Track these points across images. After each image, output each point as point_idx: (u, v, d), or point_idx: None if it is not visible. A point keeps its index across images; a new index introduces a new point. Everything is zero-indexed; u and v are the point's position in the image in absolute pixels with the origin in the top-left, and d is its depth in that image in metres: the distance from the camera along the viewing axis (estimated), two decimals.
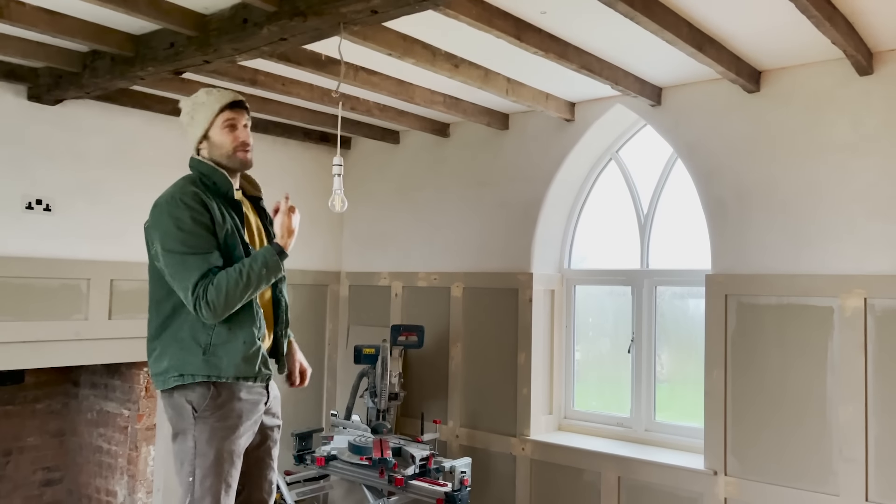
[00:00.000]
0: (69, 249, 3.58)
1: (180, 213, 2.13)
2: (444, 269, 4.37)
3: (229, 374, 2.16)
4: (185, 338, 2.16)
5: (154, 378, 2.21)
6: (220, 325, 2.15)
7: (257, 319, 2.22)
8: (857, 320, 2.97)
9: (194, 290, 2.09)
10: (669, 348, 3.90)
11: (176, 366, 2.14)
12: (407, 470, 3.46)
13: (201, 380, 2.13)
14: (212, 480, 2.14)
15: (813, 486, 3.04)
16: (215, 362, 2.14)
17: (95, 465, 4.15)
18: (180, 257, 2.11)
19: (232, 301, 2.10)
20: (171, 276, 2.14)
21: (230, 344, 2.16)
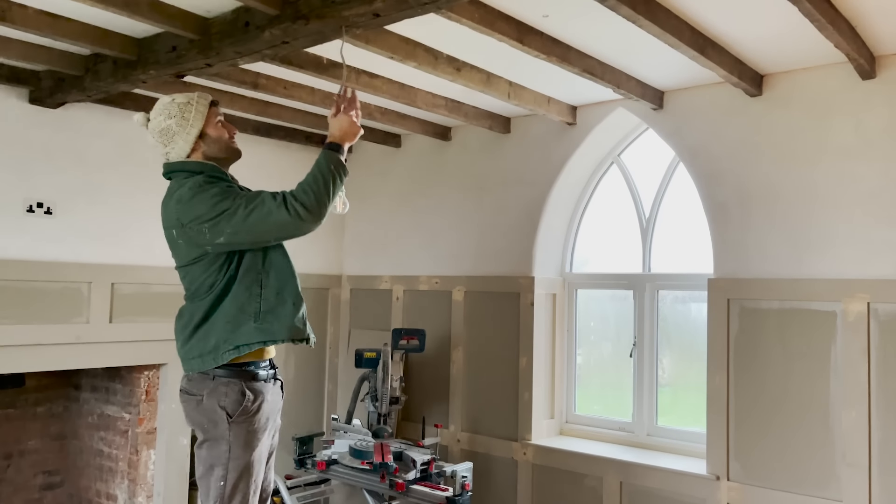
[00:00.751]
0: (70, 252, 3.58)
1: (212, 188, 2.15)
2: (446, 272, 4.37)
3: (283, 337, 2.21)
4: (232, 312, 2.16)
5: (199, 359, 2.16)
6: (267, 291, 2.18)
7: (298, 285, 2.28)
8: (860, 325, 2.96)
9: (277, 202, 2.07)
10: (671, 353, 3.89)
11: (228, 339, 2.14)
12: (408, 474, 3.44)
13: (257, 347, 2.15)
14: (244, 483, 2.17)
15: (816, 492, 3.02)
16: (268, 328, 2.17)
17: (96, 469, 4.14)
18: (242, 209, 2.08)
19: (321, 197, 2.08)
20: (239, 228, 2.07)
21: (280, 308, 2.20)
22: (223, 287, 2.17)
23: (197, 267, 2.18)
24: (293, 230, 2.11)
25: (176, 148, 2.23)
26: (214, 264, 2.16)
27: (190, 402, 2.19)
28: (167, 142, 2.23)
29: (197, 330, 2.17)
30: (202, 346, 2.15)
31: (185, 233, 2.15)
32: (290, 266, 2.29)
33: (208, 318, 2.16)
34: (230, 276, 2.16)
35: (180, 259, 2.22)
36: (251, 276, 2.18)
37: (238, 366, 2.18)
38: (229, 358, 2.13)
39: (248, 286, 2.17)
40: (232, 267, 2.17)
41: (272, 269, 2.23)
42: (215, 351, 2.14)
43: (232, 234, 2.09)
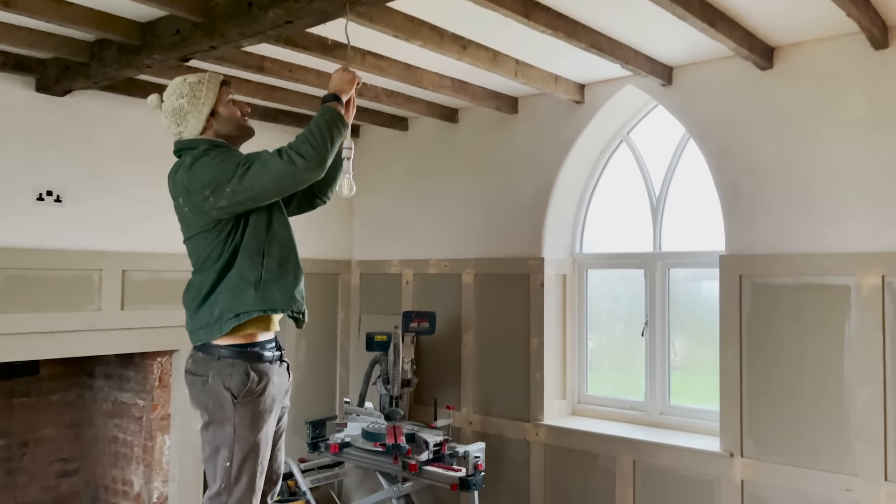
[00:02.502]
0: (80, 240, 3.59)
1: (214, 153, 2.16)
2: (455, 255, 4.36)
3: (283, 307, 2.22)
4: (234, 280, 2.17)
5: (206, 329, 2.17)
6: (269, 261, 2.19)
7: (298, 259, 2.30)
8: (874, 299, 2.93)
9: (273, 154, 2.11)
10: (683, 335, 3.86)
11: (229, 307, 2.15)
12: (421, 456, 3.45)
13: (256, 314, 2.16)
14: (250, 464, 2.18)
15: (831, 467, 3.00)
16: (268, 297, 2.18)
17: (111, 456, 4.18)
18: (241, 167, 2.10)
19: (317, 146, 2.10)
20: (238, 187, 2.09)
21: (281, 280, 2.22)
22: (228, 257, 2.18)
23: (203, 238, 2.19)
24: (290, 180, 2.11)
25: (188, 127, 2.24)
26: (220, 234, 2.17)
27: (195, 383, 2.20)
28: (179, 121, 2.24)
29: (205, 301, 2.18)
30: (208, 317, 2.17)
31: (190, 200, 2.16)
32: (293, 239, 2.31)
33: (215, 289, 2.18)
34: (235, 246, 2.18)
35: (188, 230, 2.23)
36: (254, 245, 2.19)
37: (242, 346, 2.19)
38: (231, 326, 2.14)
39: (250, 255, 2.18)
40: (237, 237, 2.18)
41: (275, 240, 2.23)
42: (219, 320, 2.15)
43: (232, 193, 2.10)
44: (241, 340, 2.20)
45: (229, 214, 2.15)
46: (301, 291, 2.28)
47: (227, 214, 2.14)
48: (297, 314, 2.29)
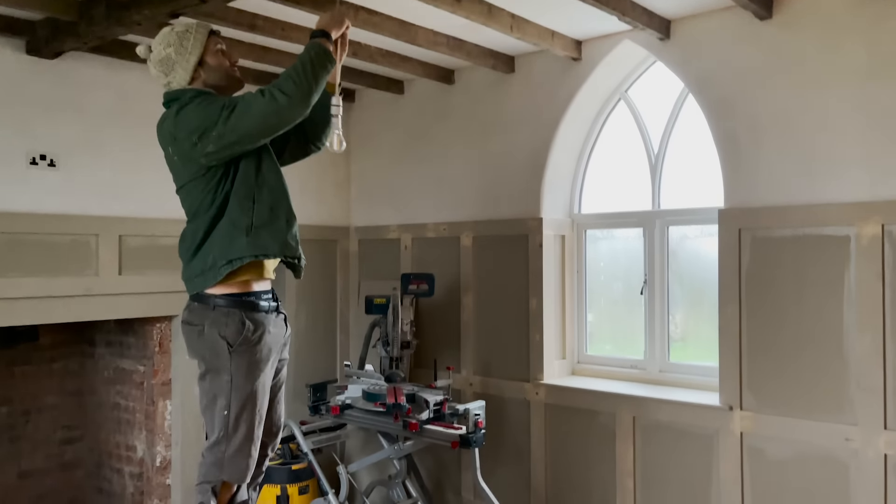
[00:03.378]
0: (76, 205, 3.57)
1: (200, 100, 2.15)
2: (453, 218, 4.34)
3: (275, 252, 2.21)
4: (226, 227, 2.16)
5: (201, 277, 2.17)
6: (260, 206, 2.18)
7: (291, 204, 2.28)
8: (874, 248, 2.91)
9: (256, 94, 2.08)
10: (682, 292, 3.85)
11: (222, 254, 2.14)
12: (421, 415, 3.46)
13: (248, 260, 2.15)
14: (248, 413, 2.18)
15: (830, 417, 3.01)
16: (260, 242, 2.17)
17: (114, 422, 4.20)
18: (226, 110, 2.08)
19: (301, 83, 2.06)
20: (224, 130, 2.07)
21: (273, 225, 2.21)
22: (220, 204, 2.17)
23: (194, 186, 2.18)
24: (274, 118, 2.08)
25: (176, 77, 2.22)
26: (211, 182, 2.16)
27: (191, 332, 2.20)
28: (168, 71, 2.22)
29: (198, 250, 2.18)
30: (202, 265, 2.16)
31: (179, 148, 2.15)
32: (284, 185, 2.29)
33: (208, 237, 2.17)
34: (226, 193, 2.16)
35: (179, 178, 2.22)
36: (244, 191, 2.18)
37: (238, 295, 2.19)
38: (225, 272, 2.13)
39: (240, 201, 2.17)
40: (227, 184, 2.17)
41: (265, 185, 2.22)
42: (213, 267, 2.14)
43: (218, 137, 2.08)
44: (236, 289, 2.19)
45: (218, 160, 2.13)
46: (295, 237, 2.27)
47: (216, 160, 2.13)
48: (292, 259, 2.28)
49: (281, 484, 3.88)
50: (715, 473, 3.32)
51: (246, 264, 2.17)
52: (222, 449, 2.17)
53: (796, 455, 3.09)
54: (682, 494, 3.42)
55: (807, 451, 3.07)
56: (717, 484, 3.31)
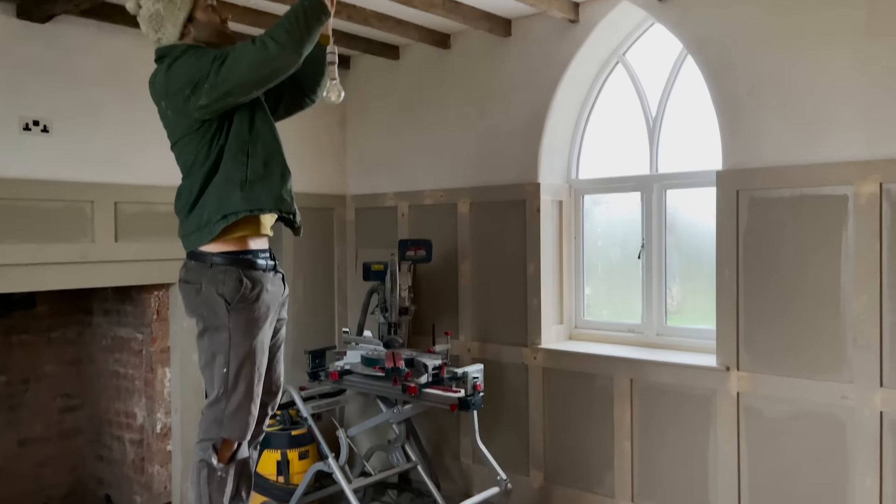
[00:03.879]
0: (70, 171, 3.54)
1: (191, 53, 2.11)
2: (451, 185, 4.32)
3: (269, 207, 2.19)
4: (221, 183, 2.15)
5: (197, 234, 2.16)
6: (254, 160, 2.16)
7: (285, 158, 2.26)
8: (872, 207, 2.91)
9: (247, 44, 2.05)
10: (681, 276, 3.84)
11: (217, 209, 2.13)
12: (420, 379, 3.48)
13: (244, 214, 2.14)
14: (247, 370, 2.19)
15: (826, 376, 3.03)
16: (254, 196, 2.16)
17: (113, 390, 4.21)
18: (217, 62, 2.05)
19: (293, 32, 2.01)
20: (215, 81, 2.04)
21: (267, 179, 2.19)
22: (214, 160, 2.15)
23: (189, 141, 2.16)
24: (266, 68, 2.04)
25: (166, 34, 2.19)
26: (205, 137, 2.14)
27: (189, 291, 2.19)
28: (157, 27, 2.19)
29: (194, 206, 2.17)
30: (198, 221, 2.15)
31: (172, 102, 2.13)
32: (277, 140, 2.27)
33: (203, 193, 2.16)
34: (220, 148, 2.15)
35: (173, 134, 2.20)
36: (237, 145, 2.16)
37: (235, 253, 2.18)
38: (220, 228, 2.12)
39: (234, 156, 2.16)
40: (221, 138, 2.15)
41: (258, 140, 2.20)
42: (209, 223, 2.13)
43: (210, 89, 2.05)
44: (233, 247, 2.18)
45: (211, 114, 2.11)
46: (290, 192, 2.26)
47: (209, 114, 2.10)
48: (287, 214, 2.26)
49: (281, 449, 3.91)
50: (712, 434, 3.35)
51: (242, 220, 2.15)
52: (222, 406, 2.18)
53: (793, 414, 3.12)
54: (680, 455, 3.46)
55: (803, 410, 3.09)
56: (714, 444, 3.34)
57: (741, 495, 3.26)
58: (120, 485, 4.17)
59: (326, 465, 3.58)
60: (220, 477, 2.20)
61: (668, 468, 3.50)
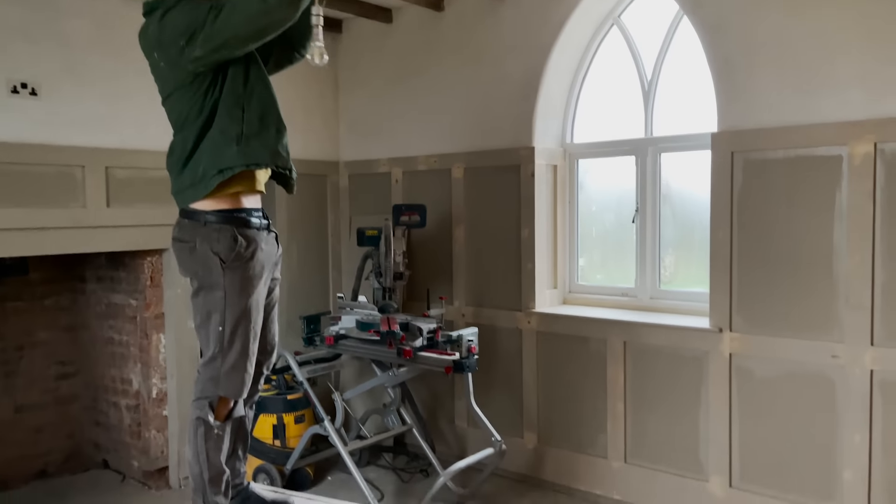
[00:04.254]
0: (60, 136, 3.50)
1: (185, 3, 2.05)
2: (444, 150, 4.30)
3: (266, 162, 2.17)
4: (216, 137, 2.11)
5: (191, 189, 2.13)
6: (249, 114, 2.13)
7: (279, 114, 2.23)
8: (866, 167, 2.91)
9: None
10: (674, 222, 3.85)
11: (213, 164, 2.10)
12: (415, 342, 3.49)
13: (240, 169, 2.11)
14: (243, 329, 2.17)
15: (818, 336, 3.06)
16: (250, 151, 2.12)
17: (108, 356, 4.21)
18: (213, 12, 1.99)
19: None
20: (211, 32, 1.99)
21: (263, 134, 2.16)
22: (208, 114, 2.12)
23: (181, 95, 2.13)
24: (263, 20, 1.99)
25: None
26: (199, 90, 2.11)
27: (182, 249, 2.18)
28: None
29: (188, 161, 2.14)
30: (193, 176, 2.13)
31: (165, 54, 2.09)
32: (272, 94, 2.24)
33: (197, 148, 2.13)
34: (214, 102, 2.11)
35: (165, 87, 2.16)
36: (232, 99, 2.13)
37: (229, 211, 2.16)
38: (216, 183, 2.10)
39: (229, 110, 2.12)
40: (215, 91, 2.11)
41: (253, 94, 2.17)
42: (204, 178, 2.11)
43: (205, 40, 2.01)
44: (227, 205, 2.16)
45: (205, 66, 2.07)
46: (285, 147, 2.24)
47: (202, 66, 2.07)
48: (284, 170, 2.25)
49: (277, 413, 3.94)
50: (704, 394, 3.39)
51: (237, 175, 2.13)
52: (218, 365, 2.18)
53: (783, 374, 3.15)
54: (672, 416, 3.49)
55: (794, 370, 3.12)
56: (705, 404, 3.38)
57: (732, 454, 3.31)
58: (117, 450, 4.20)
59: (322, 428, 3.61)
60: (217, 435, 2.20)
61: (661, 429, 3.54)
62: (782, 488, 3.17)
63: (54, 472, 4.20)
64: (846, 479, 3.00)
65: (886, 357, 2.89)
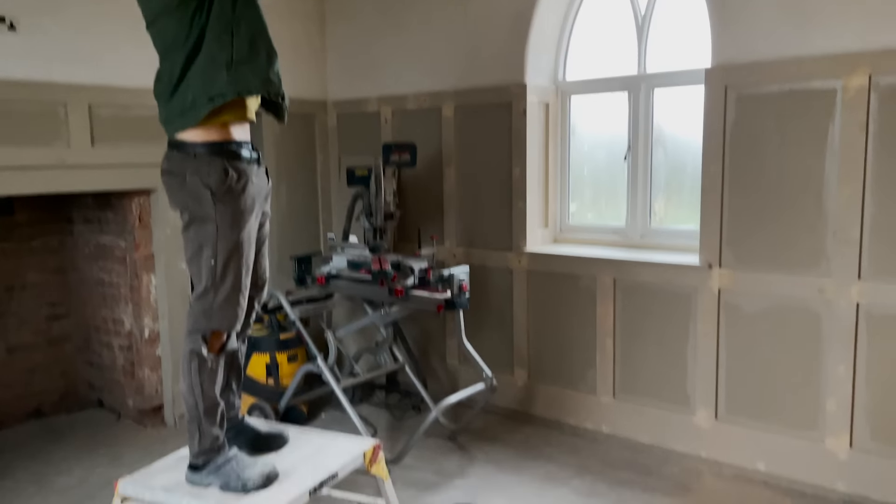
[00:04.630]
0: (40, 72, 3.41)
1: None
2: (434, 88, 4.23)
3: (257, 89, 2.13)
4: (204, 63, 2.07)
5: (180, 118, 2.09)
6: (239, 40, 2.09)
7: (270, 39, 2.19)
8: (860, 100, 2.89)
9: None
10: (665, 193, 3.83)
11: (202, 91, 2.06)
12: (406, 281, 3.50)
13: (231, 97, 2.07)
14: (234, 262, 2.16)
15: (806, 270, 3.09)
16: (240, 78, 2.09)
17: (99, 298, 4.21)
18: None
19: None
20: None
21: (253, 60, 2.12)
22: (195, 40, 2.07)
23: (167, 20, 2.07)
24: None
25: None
26: (185, 15, 2.05)
27: (172, 182, 2.15)
28: None
29: (176, 89, 2.09)
30: (181, 104, 2.09)
31: None
32: (262, 19, 2.18)
33: (185, 74, 2.08)
34: (201, 27, 2.06)
35: (149, 12, 2.11)
36: (221, 24, 2.07)
37: (219, 144, 2.13)
38: (207, 111, 2.06)
39: (218, 35, 2.07)
40: (202, 17, 2.06)
41: (242, 19, 2.12)
42: (193, 107, 2.07)
43: None
44: (217, 136, 2.13)
45: None
46: (277, 73, 2.19)
47: None
48: (275, 97, 2.21)
49: (269, 352, 3.96)
50: (692, 330, 3.43)
51: (227, 104, 2.09)
52: (210, 299, 2.18)
53: (771, 308, 3.19)
54: (660, 351, 3.55)
55: (781, 305, 3.16)
56: (693, 339, 3.43)
57: (718, 387, 3.38)
58: (111, 389, 4.23)
59: (315, 365, 3.64)
60: (211, 368, 2.22)
61: (649, 364, 3.60)
62: (766, 419, 3.25)
63: (49, 411, 4.23)
64: (829, 410, 3.07)
65: (873, 290, 2.93)
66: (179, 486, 2.23)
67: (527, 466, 3.44)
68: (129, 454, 3.59)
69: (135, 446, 3.74)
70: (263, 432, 2.50)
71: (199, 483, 2.22)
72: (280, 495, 2.14)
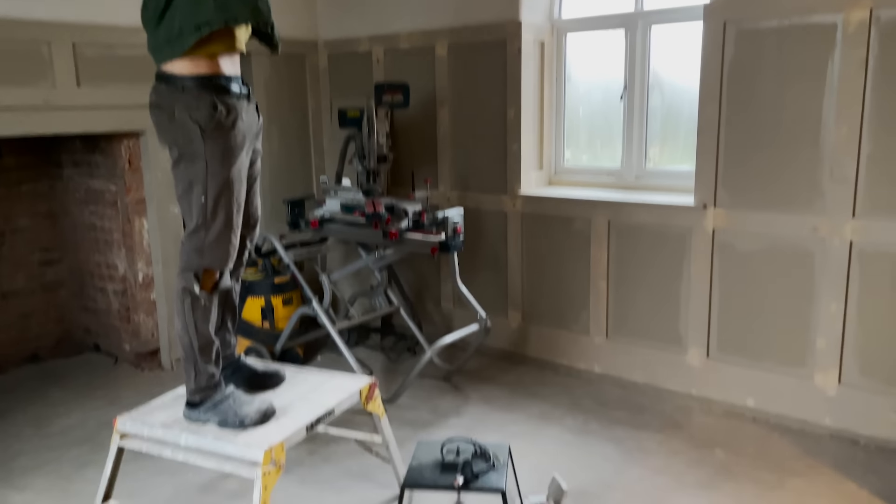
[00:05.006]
0: (21, 8, 3.31)
1: None
2: (427, 26, 4.13)
3: (245, 17, 2.09)
4: None
5: (168, 47, 2.05)
6: None
7: None
8: (860, 35, 2.84)
9: None
10: (661, 138, 3.78)
11: (189, 19, 2.01)
12: (401, 223, 3.48)
13: (217, 26, 2.02)
14: (225, 199, 2.14)
15: (801, 209, 3.08)
16: (229, 6, 2.04)
17: (92, 242, 4.19)
18: None
19: None
20: None
21: None
22: None
23: None
24: None
25: None
26: None
27: (161, 116, 2.11)
28: None
29: (163, 16, 2.04)
30: (168, 32, 2.03)
31: None
32: None
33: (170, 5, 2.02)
34: None
35: None
36: None
37: (208, 78, 2.08)
38: (194, 40, 2.01)
39: None
40: None
41: None
42: (181, 35, 2.02)
43: None
44: (205, 69, 2.08)
45: None
46: (266, 2, 2.14)
47: None
48: (265, 27, 2.15)
49: (264, 296, 3.97)
50: (686, 270, 3.44)
51: (216, 34, 2.04)
52: (201, 236, 2.16)
53: (765, 247, 3.20)
54: (653, 292, 3.56)
55: (775, 243, 3.17)
56: (686, 279, 3.44)
57: (710, 326, 3.41)
58: (108, 334, 4.25)
59: (310, 308, 3.65)
60: (204, 305, 2.22)
61: (642, 304, 3.62)
62: (757, 357, 3.29)
63: (46, 356, 4.26)
64: (819, 347, 3.11)
65: (867, 228, 2.93)
66: (177, 423, 2.26)
67: (521, 405, 3.49)
68: (127, 396, 3.63)
69: (132, 388, 3.78)
70: (260, 371, 2.52)
71: (197, 419, 2.24)
72: (277, 431, 2.17)
